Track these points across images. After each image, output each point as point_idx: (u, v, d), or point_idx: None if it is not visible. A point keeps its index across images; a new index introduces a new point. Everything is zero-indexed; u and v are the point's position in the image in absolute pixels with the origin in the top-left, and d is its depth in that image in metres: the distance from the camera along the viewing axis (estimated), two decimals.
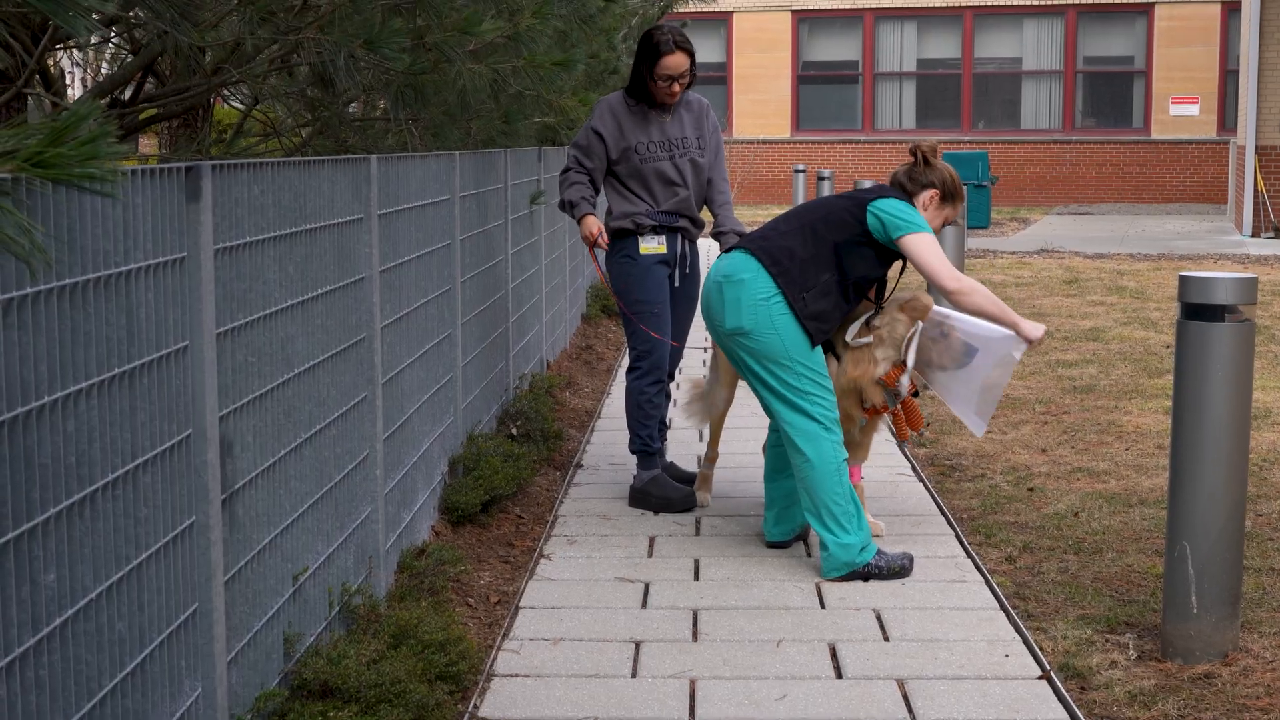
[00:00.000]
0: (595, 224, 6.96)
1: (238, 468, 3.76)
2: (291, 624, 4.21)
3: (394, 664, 4.36)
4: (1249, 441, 5.04)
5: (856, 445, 6.55)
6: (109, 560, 2.99)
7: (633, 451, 7.18)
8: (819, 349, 6.03)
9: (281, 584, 4.13)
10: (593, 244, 6.99)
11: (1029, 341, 5.96)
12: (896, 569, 5.94)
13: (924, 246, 5.95)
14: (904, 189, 6.14)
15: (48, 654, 2.71)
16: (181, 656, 3.38)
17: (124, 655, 3.06)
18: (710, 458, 7.18)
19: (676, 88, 6.99)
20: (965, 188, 6.18)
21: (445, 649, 4.67)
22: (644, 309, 7.05)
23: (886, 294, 6.40)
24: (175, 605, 3.35)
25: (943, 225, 6.26)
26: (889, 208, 5.97)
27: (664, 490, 7.03)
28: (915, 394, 6.43)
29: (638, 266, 7.08)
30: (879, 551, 5.96)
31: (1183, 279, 4.97)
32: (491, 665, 4.99)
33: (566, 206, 7.09)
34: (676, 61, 6.92)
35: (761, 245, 6.04)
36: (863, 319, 6.24)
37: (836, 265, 5.99)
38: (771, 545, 6.38)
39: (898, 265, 6.33)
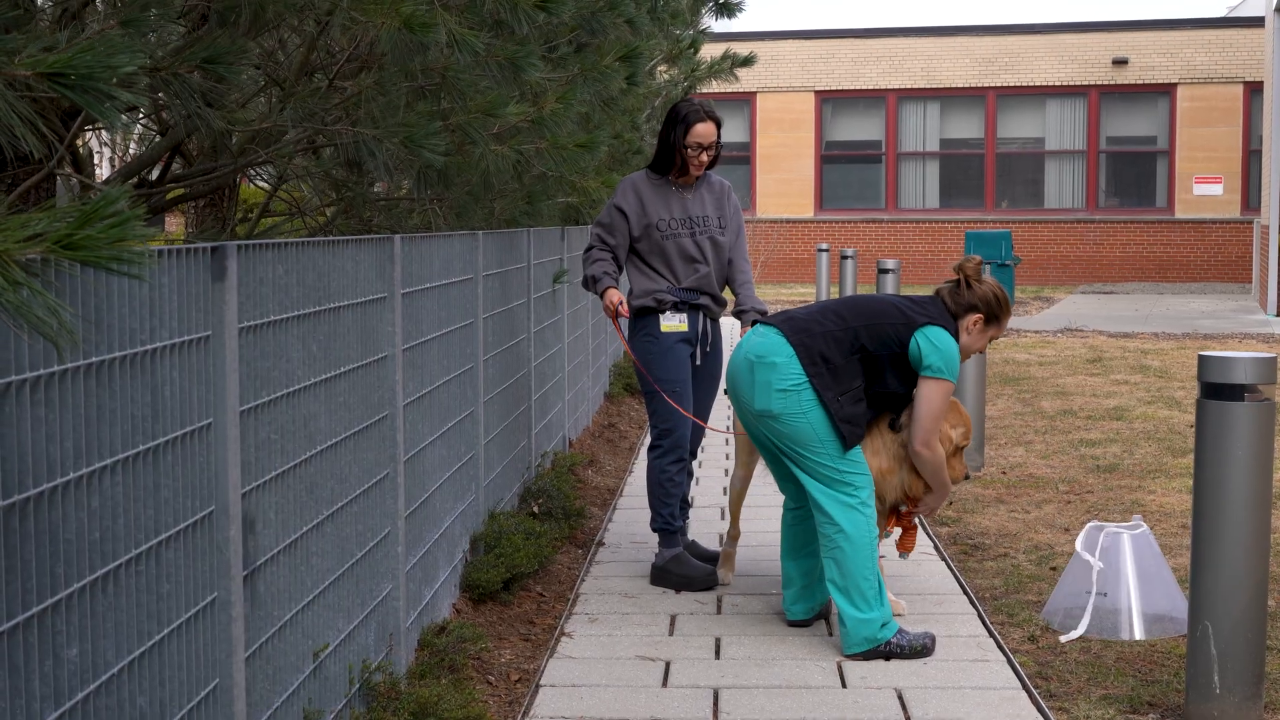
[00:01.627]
0: (616, 295, 7.01)
1: (259, 544, 3.79)
2: (312, 700, 4.22)
3: None
4: (1270, 520, 5.03)
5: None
6: (131, 635, 3.01)
7: (654, 530, 7.19)
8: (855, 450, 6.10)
9: (302, 660, 4.15)
10: (614, 315, 7.03)
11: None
12: (918, 648, 5.92)
13: (936, 397, 6.01)
14: (948, 309, 6.13)
15: None
16: None
17: None
18: (732, 535, 7.18)
19: (705, 157, 7.10)
20: (1009, 303, 6.29)
21: None
22: (666, 388, 7.06)
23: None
24: (196, 681, 3.37)
25: (985, 347, 6.35)
26: (937, 343, 5.99)
27: (685, 569, 7.03)
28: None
29: (659, 344, 7.10)
30: (900, 630, 5.95)
31: (1202, 359, 4.99)
32: None
33: (589, 282, 7.16)
34: (706, 130, 7.05)
35: (802, 340, 6.00)
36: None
37: (866, 374, 6.02)
38: (793, 624, 6.37)
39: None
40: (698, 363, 7.23)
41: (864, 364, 6.01)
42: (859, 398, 6.00)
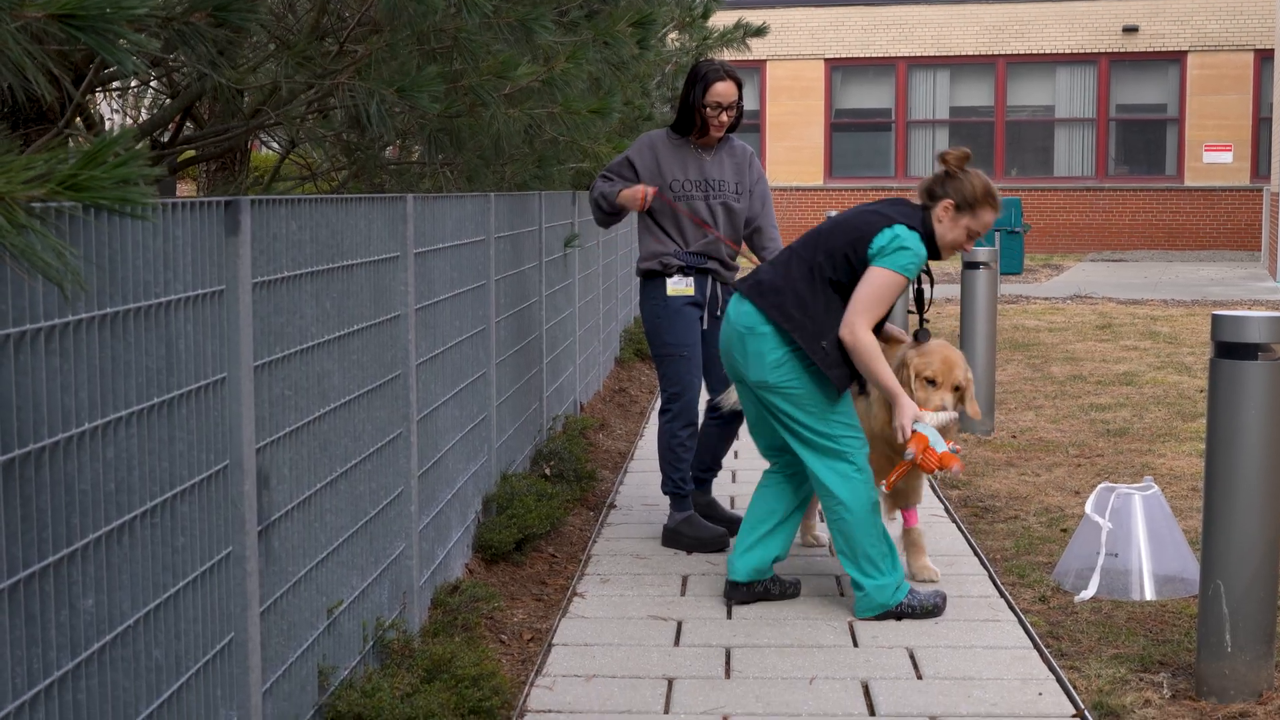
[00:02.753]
0: (638, 188, 7.00)
1: (274, 500, 3.79)
2: (326, 656, 4.24)
3: (428, 698, 4.38)
4: None
5: (909, 490, 6.55)
6: (147, 587, 3.02)
7: (665, 493, 7.20)
8: (846, 393, 5.99)
9: (316, 616, 4.16)
10: (646, 199, 6.98)
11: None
12: (929, 608, 5.93)
13: (874, 281, 5.77)
14: (930, 196, 5.94)
15: (85, 679, 2.74)
16: (217, 685, 3.41)
17: (160, 683, 3.09)
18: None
19: (725, 118, 7.02)
20: (998, 201, 6.00)
21: (479, 684, 4.69)
22: (674, 352, 7.03)
23: (925, 311, 6.32)
24: (211, 634, 3.38)
25: (969, 237, 5.98)
26: (891, 237, 5.77)
27: (697, 530, 7.03)
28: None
29: (667, 308, 7.07)
30: (911, 590, 5.96)
31: (1215, 318, 4.98)
32: (525, 701, 5.00)
33: (601, 200, 7.11)
34: (726, 89, 6.98)
35: (774, 303, 5.87)
36: (899, 355, 6.23)
37: (848, 302, 5.86)
38: (734, 587, 6.20)
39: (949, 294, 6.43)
40: (705, 327, 7.16)
41: (841, 293, 5.86)
42: None
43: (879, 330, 6.04)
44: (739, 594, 6.12)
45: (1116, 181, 31.62)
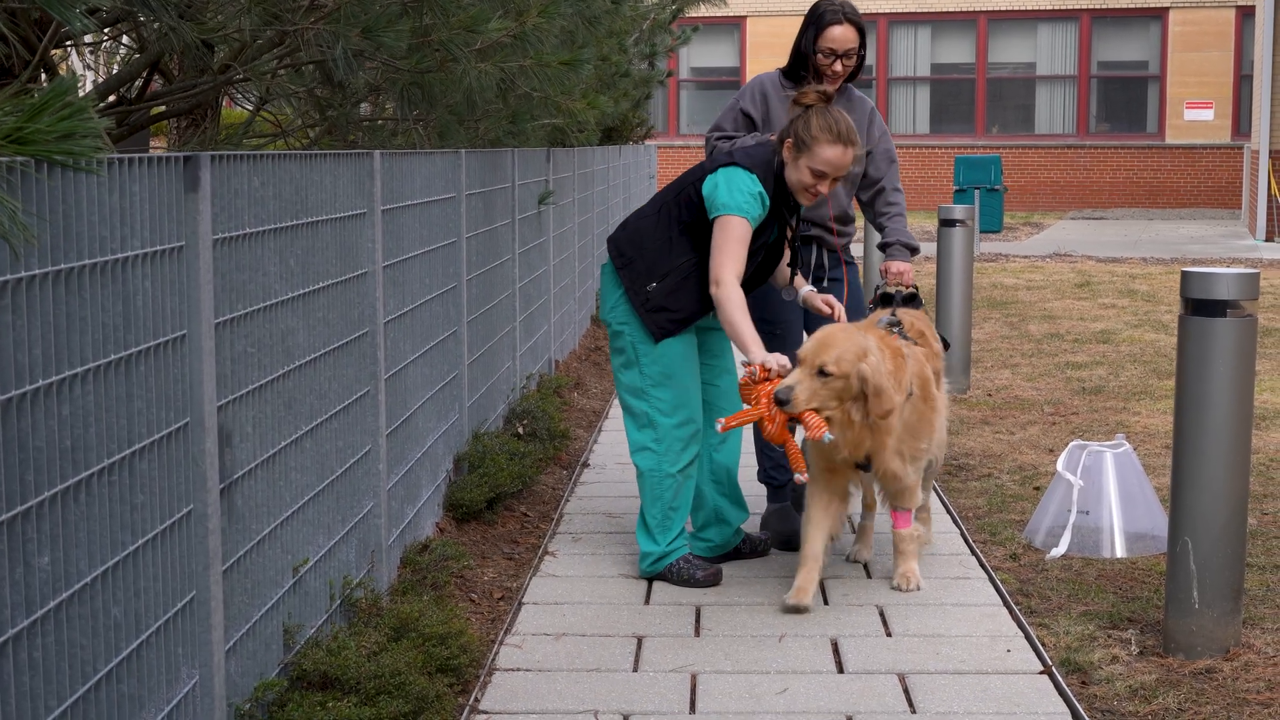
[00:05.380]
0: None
1: (237, 458, 3.78)
2: (291, 615, 4.23)
3: (394, 656, 4.37)
4: (1251, 436, 5.03)
5: (897, 492, 5.80)
6: (105, 545, 3.00)
7: (759, 481, 6.65)
8: (668, 346, 5.76)
9: (281, 575, 4.15)
10: None
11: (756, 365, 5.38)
12: (686, 578, 5.77)
13: (721, 231, 5.54)
14: (781, 136, 5.69)
15: (41, 636, 2.72)
16: (179, 644, 3.40)
17: (120, 640, 3.07)
18: (867, 505, 6.37)
19: (839, 66, 6.24)
20: (840, 137, 5.54)
21: (446, 642, 4.68)
22: (765, 330, 6.04)
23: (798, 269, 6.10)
24: (172, 593, 3.37)
25: (814, 177, 5.60)
26: (722, 181, 5.58)
27: (782, 524, 6.43)
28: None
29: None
30: (686, 558, 5.83)
31: (1185, 274, 4.97)
32: (494, 659, 5.00)
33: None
34: (844, 34, 6.22)
35: (614, 238, 5.84)
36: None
37: (693, 246, 5.68)
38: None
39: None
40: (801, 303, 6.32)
41: (691, 235, 5.68)
42: (686, 275, 5.68)
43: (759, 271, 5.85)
44: (714, 560, 6.11)
45: (1097, 139, 31.62)
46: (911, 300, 6.20)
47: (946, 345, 6.25)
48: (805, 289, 5.99)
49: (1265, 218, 22.87)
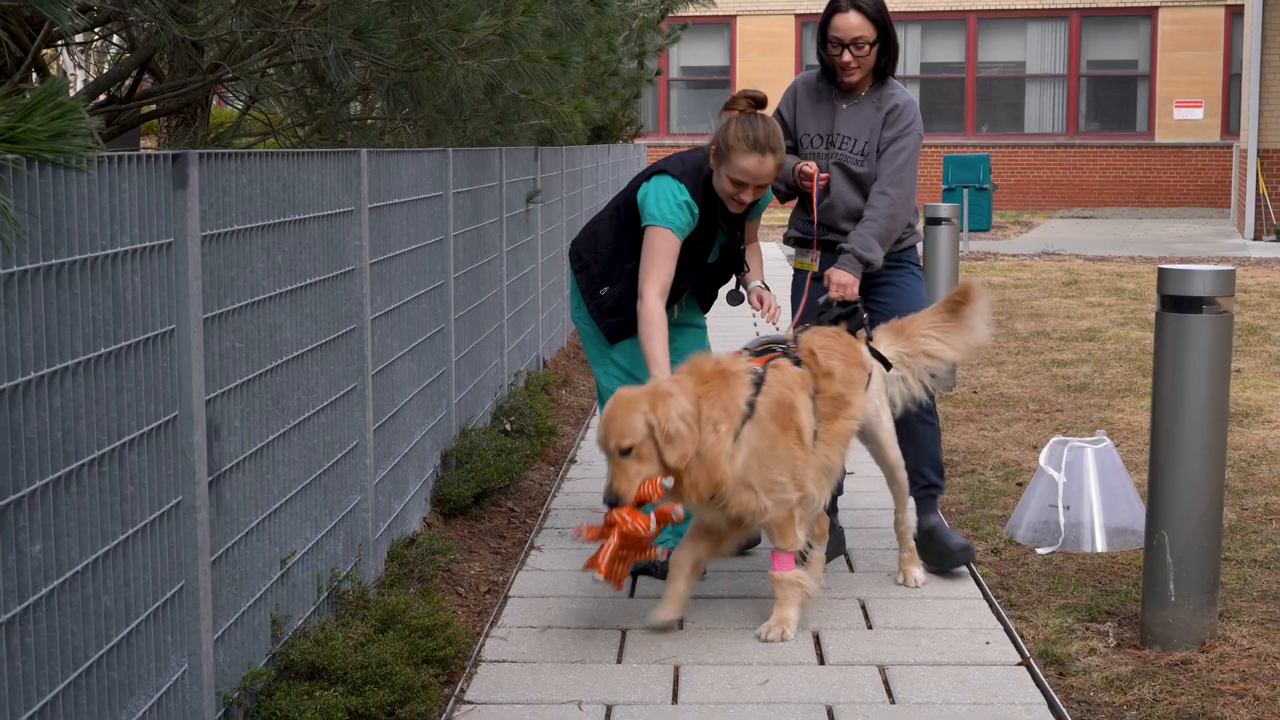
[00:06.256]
0: (808, 164, 5.90)
1: (225, 451, 3.84)
2: (279, 606, 4.29)
3: (381, 647, 4.44)
4: (1227, 432, 5.10)
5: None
6: (95, 535, 3.07)
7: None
8: (630, 344, 5.75)
9: (269, 567, 4.21)
10: (814, 179, 5.88)
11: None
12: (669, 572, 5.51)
13: (648, 244, 5.52)
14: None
15: (34, 622, 2.79)
16: (168, 632, 3.46)
17: (110, 628, 3.14)
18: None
19: (848, 57, 5.77)
20: (755, 145, 5.44)
21: (433, 634, 4.75)
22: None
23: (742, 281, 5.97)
24: (162, 582, 3.43)
25: (734, 186, 5.52)
26: (650, 190, 5.57)
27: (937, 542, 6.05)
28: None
29: (793, 284, 6.15)
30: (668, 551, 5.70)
31: (1162, 271, 5.05)
32: (479, 651, 5.06)
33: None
34: (845, 23, 5.77)
35: (575, 239, 5.90)
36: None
37: (639, 252, 5.62)
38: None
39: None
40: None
41: (636, 241, 5.64)
42: (634, 279, 5.62)
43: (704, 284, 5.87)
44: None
45: (1087, 138, 31.70)
46: (850, 316, 5.77)
47: (888, 365, 5.74)
48: (754, 283, 5.95)
49: (1254, 216, 22.96)
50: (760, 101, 5.57)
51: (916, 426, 6.02)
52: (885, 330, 5.85)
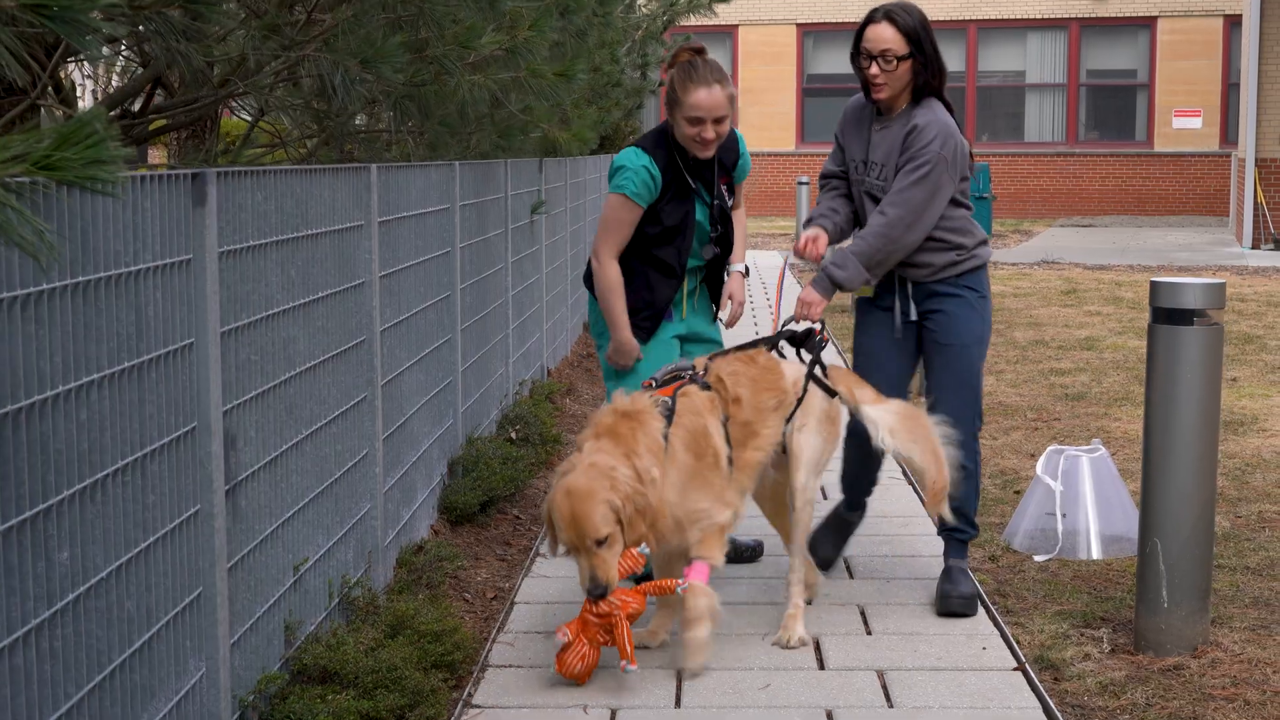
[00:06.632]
0: (810, 233, 5.71)
1: (241, 460, 3.95)
2: (292, 612, 4.40)
3: (391, 652, 4.55)
4: (1218, 441, 5.21)
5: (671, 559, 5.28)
6: (119, 542, 3.18)
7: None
8: (645, 351, 5.85)
9: (283, 573, 4.32)
10: (800, 253, 5.71)
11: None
12: None
13: (603, 213, 5.75)
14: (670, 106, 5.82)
15: (61, 627, 2.90)
16: (186, 637, 3.57)
17: (132, 632, 3.25)
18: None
19: (875, 69, 5.51)
20: (701, 78, 5.55)
21: (441, 639, 4.85)
22: (857, 359, 5.88)
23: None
24: (181, 588, 3.54)
25: (692, 124, 5.59)
26: (610, 170, 5.81)
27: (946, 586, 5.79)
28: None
29: (855, 309, 6.01)
30: None
31: (1154, 284, 5.16)
32: (487, 656, 5.17)
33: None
34: (877, 33, 5.54)
35: (588, 265, 6.07)
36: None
37: (632, 247, 5.81)
38: None
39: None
40: (898, 334, 5.78)
41: (635, 249, 5.83)
42: (631, 273, 5.80)
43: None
44: None
45: (1087, 147, 31.82)
46: (805, 338, 5.62)
47: (832, 394, 5.50)
48: (735, 268, 6.06)
49: (1252, 225, 23.08)
50: (699, 50, 5.69)
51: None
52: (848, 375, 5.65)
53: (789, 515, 5.51)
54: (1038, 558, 6.37)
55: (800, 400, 5.41)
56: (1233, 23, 30.68)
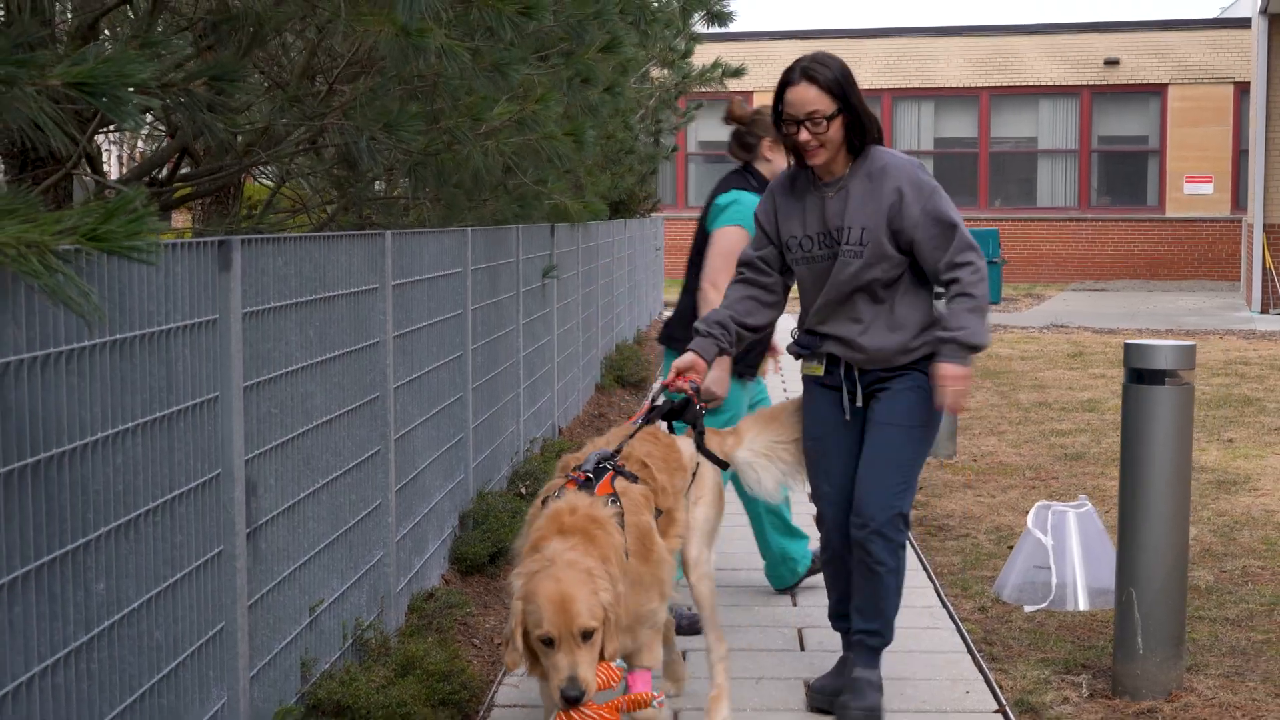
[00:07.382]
0: (687, 360, 5.17)
1: (261, 506, 4.24)
2: (308, 650, 4.68)
3: (401, 689, 4.82)
4: (1189, 494, 5.47)
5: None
6: (149, 577, 3.47)
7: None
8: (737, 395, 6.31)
9: (299, 613, 4.60)
10: (669, 384, 5.20)
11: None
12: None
13: (720, 241, 6.21)
14: (747, 150, 6.47)
15: (97, 651, 3.19)
16: (210, 667, 3.86)
17: (161, 660, 3.54)
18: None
19: (804, 135, 5.04)
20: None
21: (449, 679, 5.12)
22: (805, 446, 5.47)
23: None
24: (205, 622, 3.83)
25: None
26: (721, 202, 6.33)
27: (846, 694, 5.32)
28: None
29: (803, 389, 5.52)
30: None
31: (1127, 347, 5.44)
32: (493, 697, 5.43)
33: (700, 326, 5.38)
34: (799, 95, 5.06)
35: (669, 321, 6.56)
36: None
37: (689, 287, 6.41)
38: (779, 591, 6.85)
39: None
40: (846, 416, 5.30)
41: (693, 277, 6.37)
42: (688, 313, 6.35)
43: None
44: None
45: (1098, 212, 32.14)
46: (683, 409, 5.18)
47: (724, 466, 5.32)
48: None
49: (1260, 289, 23.34)
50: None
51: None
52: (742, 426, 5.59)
53: (689, 589, 5.23)
54: (1027, 608, 6.62)
55: (694, 474, 5.20)
56: (1243, 89, 31.03)
